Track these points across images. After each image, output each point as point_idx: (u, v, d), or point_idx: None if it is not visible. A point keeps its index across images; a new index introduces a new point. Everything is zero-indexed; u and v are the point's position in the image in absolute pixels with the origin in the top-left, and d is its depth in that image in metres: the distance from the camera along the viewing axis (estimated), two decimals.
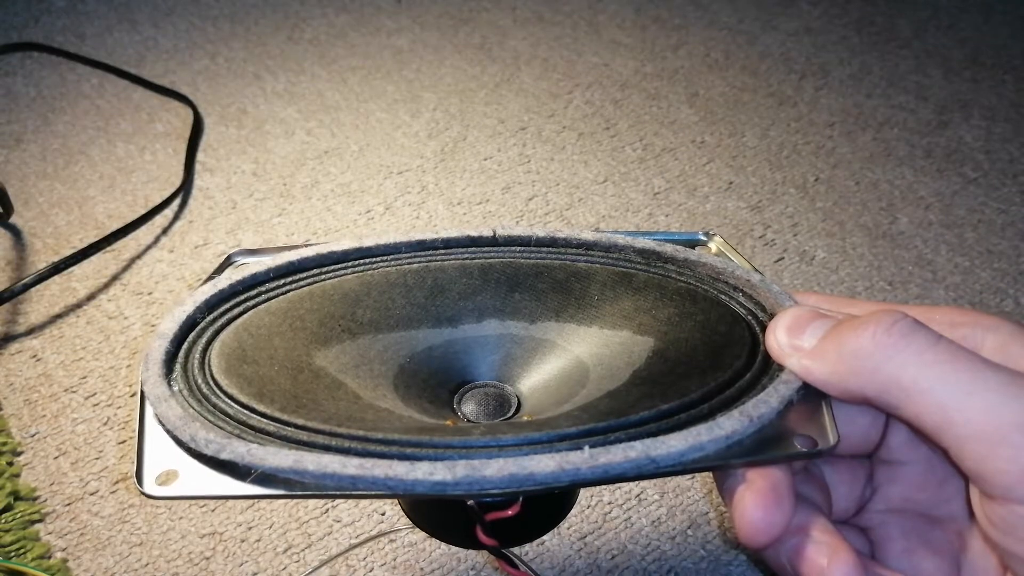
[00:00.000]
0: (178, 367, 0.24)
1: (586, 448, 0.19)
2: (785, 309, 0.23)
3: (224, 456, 0.20)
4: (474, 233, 0.28)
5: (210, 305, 0.26)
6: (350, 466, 0.19)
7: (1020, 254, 0.63)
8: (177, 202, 0.61)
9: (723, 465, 0.20)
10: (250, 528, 0.43)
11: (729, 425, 0.20)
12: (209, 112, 0.69)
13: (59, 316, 0.53)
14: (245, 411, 0.22)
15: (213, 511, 0.44)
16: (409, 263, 0.27)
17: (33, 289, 0.53)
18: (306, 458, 0.19)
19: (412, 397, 0.25)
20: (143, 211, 0.58)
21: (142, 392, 0.23)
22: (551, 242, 0.28)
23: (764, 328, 0.23)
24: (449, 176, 0.65)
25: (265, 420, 0.21)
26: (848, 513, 0.23)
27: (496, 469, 0.18)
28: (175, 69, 0.73)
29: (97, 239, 0.54)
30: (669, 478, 0.45)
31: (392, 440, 0.20)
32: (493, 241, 0.28)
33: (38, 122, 0.67)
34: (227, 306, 0.26)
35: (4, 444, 0.45)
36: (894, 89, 0.77)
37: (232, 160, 0.65)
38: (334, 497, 0.20)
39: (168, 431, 0.21)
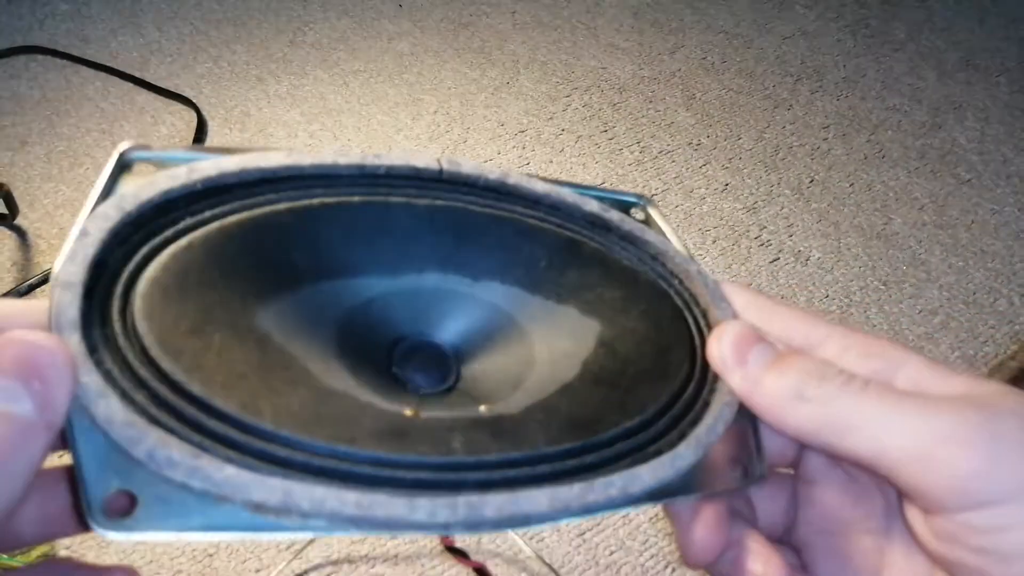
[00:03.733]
0: (97, 334, 0.18)
1: (576, 486, 0.19)
2: (730, 321, 0.23)
3: (196, 484, 0.16)
4: (420, 164, 0.25)
5: (118, 235, 0.20)
6: (348, 504, 0.17)
7: (1013, 254, 0.64)
8: None
9: (682, 499, 0.21)
10: None
11: (690, 456, 0.20)
12: (213, 115, 0.69)
13: None
14: (200, 410, 0.17)
15: None
16: (349, 195, 0.24)
17: (38, 290, 0.53)
18: (296, 491, 0.16)
19: (358, 364, 0.23)
20: None
21: None
22: (499, 187, 0.26)
23: (698, 325, 0.24)
24: None
25: (226, 425, 0.17)
26: (777, 530, 0.25)
27: (495, 509, 0.18)
28: (179, 72, 0.74)
29: None
30: None
31: (379, 459, 0.18)
32: (439, 176, 0.25)
33: (43, 125, 0.68)
34: (138, 236, 0.20)
35: None
36: (888, 91, 0.78)
37: None
38: (317, 535, 0.18)
39: (109, 438, 0.16)
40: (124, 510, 0.16)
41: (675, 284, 0.25)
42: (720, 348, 0.22)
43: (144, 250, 0.20)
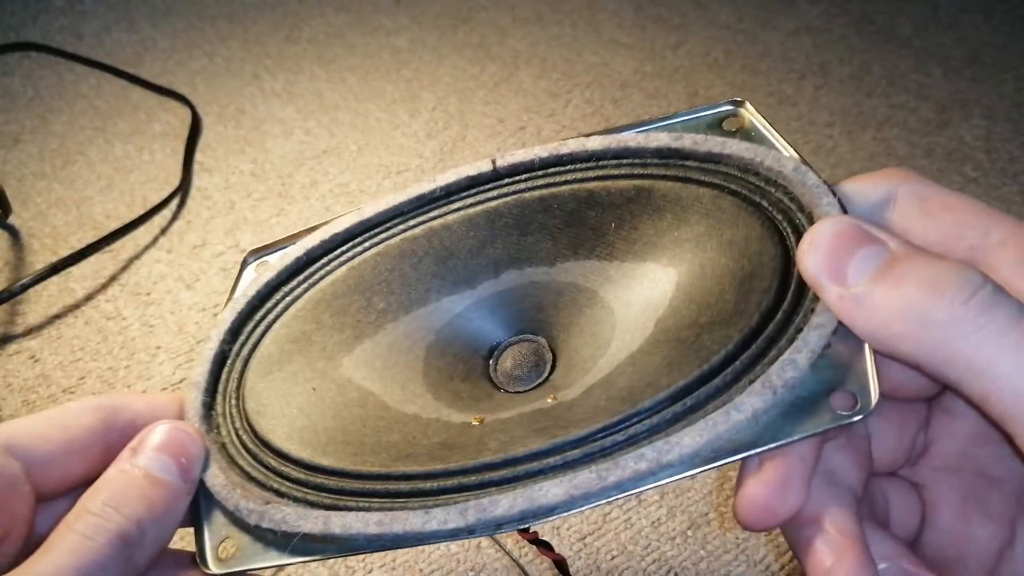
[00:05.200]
0: (218, 415, 0.24)
1: (593, 468, 0.18)
2: (823, 220, 0.18)
3: (265, 525, 0.20)
4: (473, 172, 0.26)
5: (234, 331, 0.26)
6: (371, 524, 0.19)
7: None
8: (175, 202, 0.61)
9: (742, 456, 0.17)
10: None
11: (750, 406, 0.17)
12: (207, 112, 0.69)
13: (57, 317, 0.53)
14: (286, 463, 0.22)
15: None
16: (412, 227, 0.26)
17: (31, 290, 0.53)
18: (332, 519, 0.20)
19: (444, 381, 0.24)
20: (141, 211, 0.58)
21: None
22: (556, 161, 0.25)
23: (799, 232, 0.20)
24: None
25: (298, 468, 0.22)
26: (897, 463, 0.21)
27: (506, 508, 0.18)
28: (173, 69, 0.73)
29: (95, 239, 0.54)
30: None
31: (410, 474, 0.20)
32: (495, 175, 0.26)
33: (36, 122, 0.67)
34: (250, 327, 0.26)
35: None
36: (894, 88, 0.77)
37: (230, 160, 0.65)
38: (365, 552, 0.21)
39: (215, 500, 0.22)
40: (229, 554, 0.21)
41: (771, 193, 0.22)
42: (812, 256, 0.17)
43: (253, 336, 0.26)
